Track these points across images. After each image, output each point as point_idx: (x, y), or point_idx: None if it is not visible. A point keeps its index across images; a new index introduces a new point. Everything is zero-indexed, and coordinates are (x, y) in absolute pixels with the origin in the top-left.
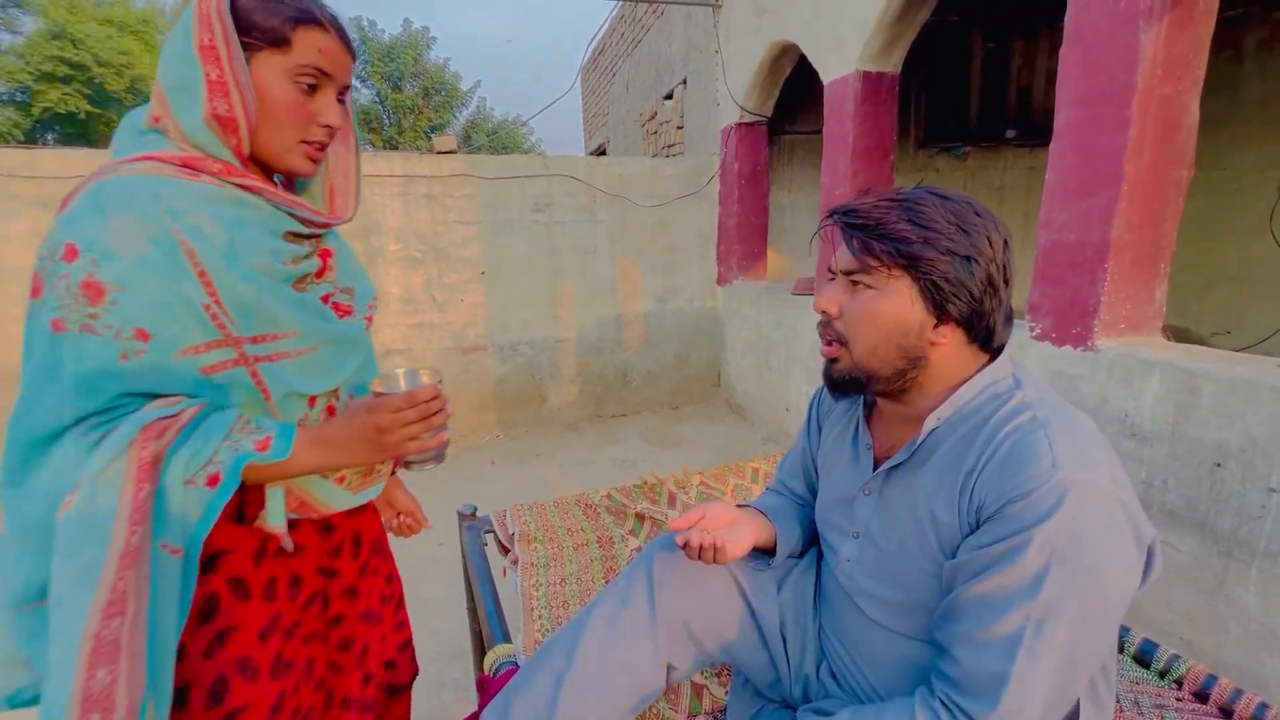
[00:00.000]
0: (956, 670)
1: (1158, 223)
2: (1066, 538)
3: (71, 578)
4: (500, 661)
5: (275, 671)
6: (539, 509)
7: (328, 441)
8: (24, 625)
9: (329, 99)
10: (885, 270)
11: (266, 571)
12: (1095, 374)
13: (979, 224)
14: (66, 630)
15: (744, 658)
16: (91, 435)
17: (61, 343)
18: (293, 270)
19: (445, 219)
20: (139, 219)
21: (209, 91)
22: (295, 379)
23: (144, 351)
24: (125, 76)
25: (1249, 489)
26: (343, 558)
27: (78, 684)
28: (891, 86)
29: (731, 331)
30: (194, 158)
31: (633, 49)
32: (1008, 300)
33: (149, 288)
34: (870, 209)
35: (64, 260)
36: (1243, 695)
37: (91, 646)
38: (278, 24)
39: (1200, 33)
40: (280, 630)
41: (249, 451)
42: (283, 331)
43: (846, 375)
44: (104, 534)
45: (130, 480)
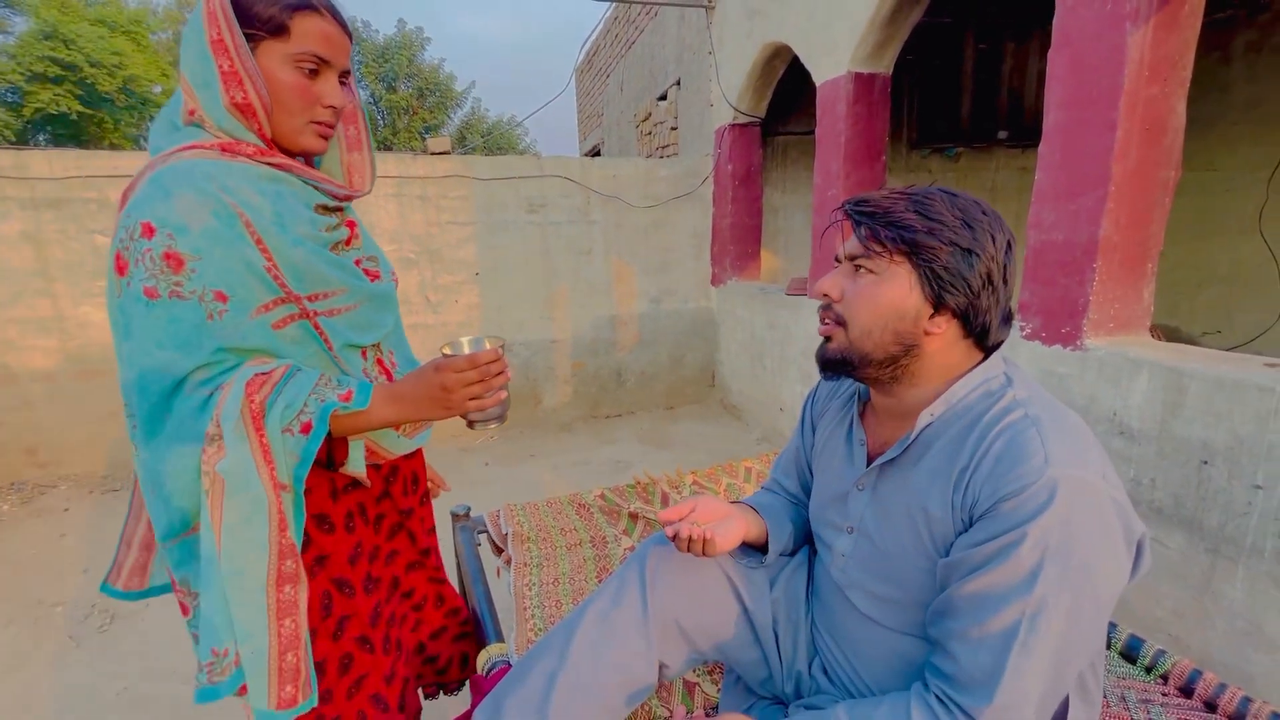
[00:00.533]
0: (952, 666)
1: (1145, 223)
2: (1059, 534)
3: (251, 504)
4: (493, 661)
5: (368, 588)
6: (532, 509)
7: (400, 397)
8: (174, 554)
9: (331, 81)
10: (887, 256)
11: (343, 507)
12: (1084, 373)
13: (984, 221)
14: (256, 543)
15: (736, 655)
16: (202, 390)
17: (157, 307)
18: (329, 237)
19: (439, 220)
20: (199, 196)
21: (224, 82)
22: (347, 332)
23: (225, 311)
24: (117, 77)
25: (1235, 486)
26: (410, 497)
27: (271, 590)
28: (884, 88)
29: (726, 332)
30: (230, 142)
31: (626, 50)
32: (1006, 301)
33: (218, 255)
34: (880, 199)
35: (144, 237)
36: (1226, 690)
37: (278, 549)
38: (276, 13)
39: (1186, 35)
40: (365, 555)
41: (334, 402)
42: (332, 289)
43: (839, 355)
44: (253, 470)
45: (251, 428)
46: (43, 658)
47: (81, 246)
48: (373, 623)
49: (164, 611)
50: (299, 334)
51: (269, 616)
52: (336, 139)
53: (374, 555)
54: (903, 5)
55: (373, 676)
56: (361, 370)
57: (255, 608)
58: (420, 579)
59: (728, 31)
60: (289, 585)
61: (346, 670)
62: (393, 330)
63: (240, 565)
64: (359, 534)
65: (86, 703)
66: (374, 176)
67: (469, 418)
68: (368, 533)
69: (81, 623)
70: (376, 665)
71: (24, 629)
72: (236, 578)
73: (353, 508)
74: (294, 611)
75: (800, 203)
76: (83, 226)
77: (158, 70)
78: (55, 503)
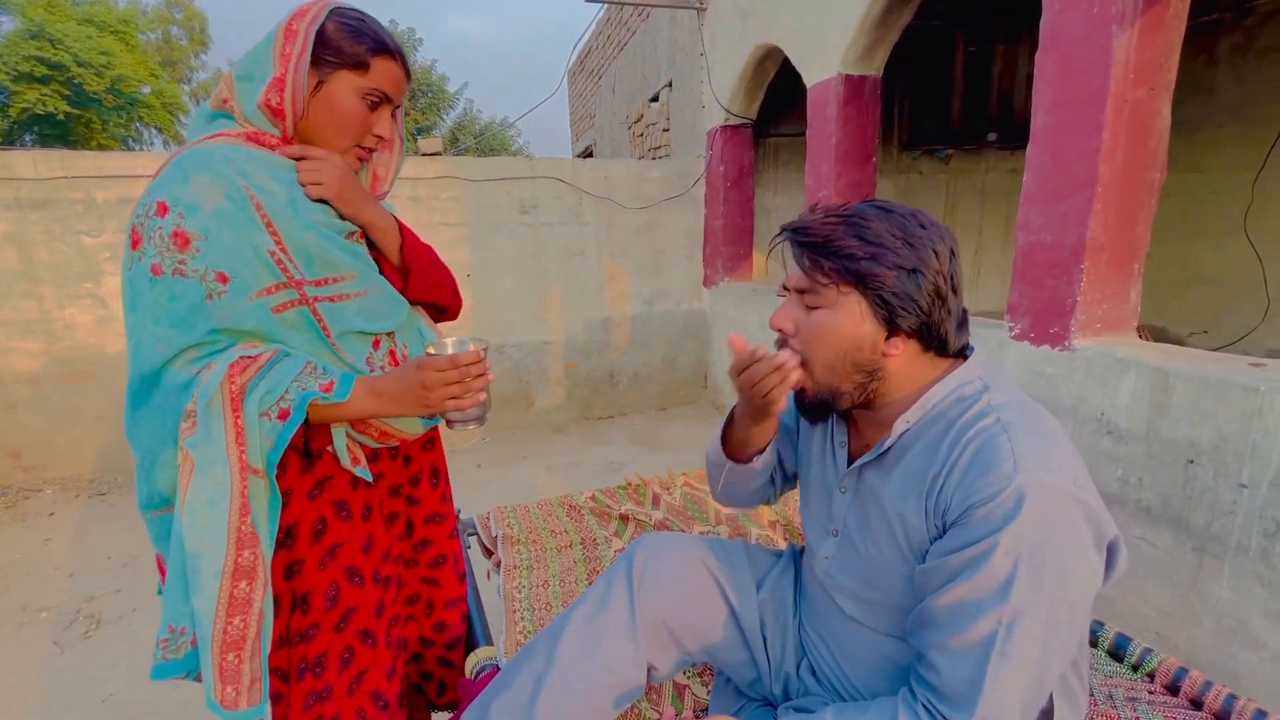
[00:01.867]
0: (935, 677)
1: (1131, 224)
2: (1030, 541)
3: (212, 488)
4: (481, 664)
5: (376, 580)
6: (523, 511)
7: (380, 392)
8: (154, 528)
9: (385, 115)
10: (834, 287)
11: (361, 497)
12: (1072, 373)
13: (923, 236)
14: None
15: (724, 657)
16: (191, 368)
17: (159, 284)
18: (342, 225)
19: (430, 221)
20: (215, 178)
21: (268, 85)
22: (355, 318)
23: (225, 292)
24: (105, 77)
25: (1221, 485)
26: (421, 487)
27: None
28: (874, 89)
29: (718, 333)
30: (255, 132)
31: (619, 52)
32: (959, 307)
33: (226, 236)
34: (819, 226)
35: (157, 215)
36: (1212, 687)
37: (236, 536)
38: (361, 51)
39: (1171, 38)
40: (379, 549)
41: (314, 391)
42: (342, 274)
43: (815, 399)
44: (221, 450)
45: (227, 408)
46: (27, 664)
47: (67, 248)
48: (377, 614)
49: (148, 616)
50: (298, 319)
51: (216, 608)
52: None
53: (386, 554)
54: (892, 7)
55: (373, 672)
56: (366, 359)
57: (207, 596)
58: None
59: (719, 33)
60: (244, 580)
61: (347, 665)
62: (407, 324)
63: (197, 548)
64: (374, 525)
65: (71, 710)
66: (394, 182)
67: (448, 417)
68: (381, 528)
69: (66, 628)
70: (378, 660)
71: (8, 635)
72: (193, 559)
73: (372, 501)
74: (245, 610)
75: (792, 204)
76: (69, 228)
77: (146, 70)
78: (40, 507)
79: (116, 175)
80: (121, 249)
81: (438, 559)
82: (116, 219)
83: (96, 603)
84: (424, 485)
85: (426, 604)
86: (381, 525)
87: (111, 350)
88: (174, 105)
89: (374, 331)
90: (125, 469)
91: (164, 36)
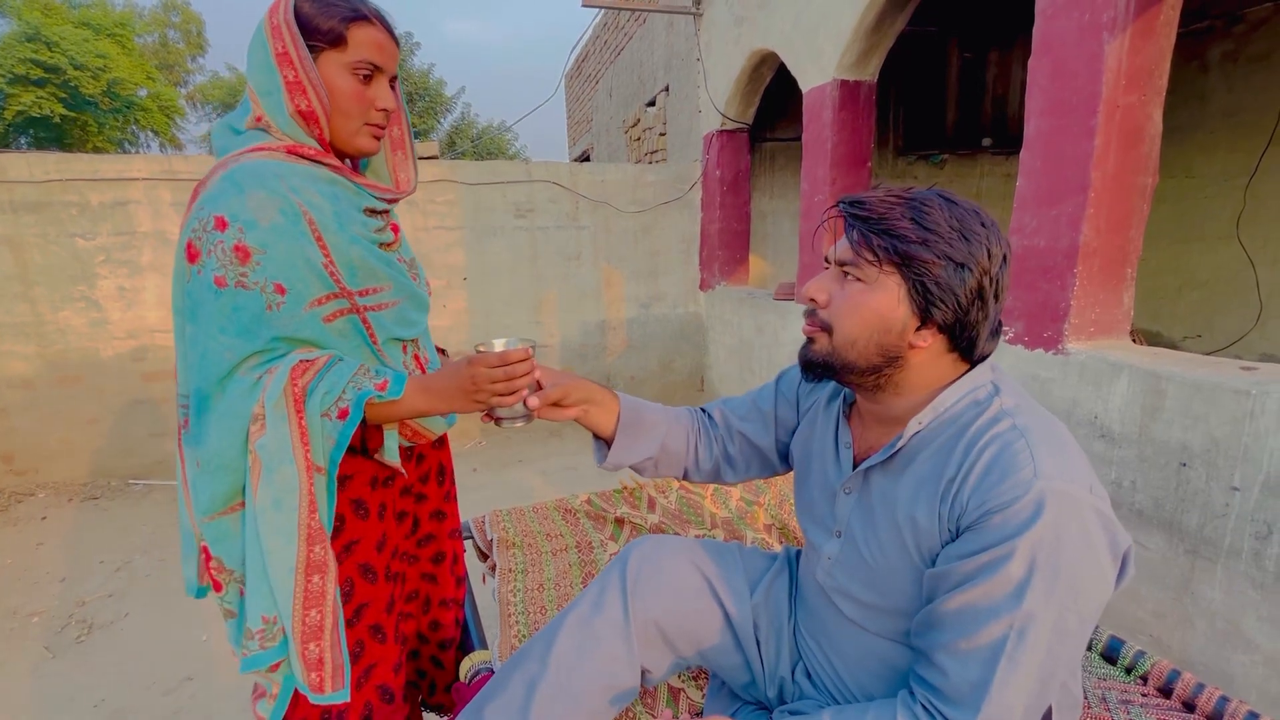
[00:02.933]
0: (940, 678)
1: (1124, 228)
2: (1047, 548)
3: (282, 485)
4: (476, 668)
5: (388, 577)
6: (518, 514)
7: (431, 388)
8: (212, 530)
9: (383, 86)
10: (878, 265)
11: (378, 497)
12: (1066, 377)
13: (981, 234)
14: (285, 524)
15: (718, 660)
16: (254, 373)
17: (224, 295)
18: (377, 237)
19: (426, 225)
20: (270, 194)
21: (288, 91)
22: (393, 326)
23: (283, 303)
24: (101, 80)
25: (1213, 488)
26: (430, 484)
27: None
28: (869, 95)
29: (714, 337)
30: (294, 145)
31: (615, 57)
32: (996, 314)
33: (282, 249)
34: (877, 203)
35: (216, 230)
36: (1204, 690)
37: (307, 532)
38: (335, 24)
39: (1162, 44)
40: (390, 547)
41: (369, 390)
42: (381, 285)
43: (821, 359)
44: (288, 450)
45: (292, 410)
46: (17, 669)
47: (62, 250)
48: (388, 610)
49: (141, 622)
50: (346, 328)
51: (295, 603)
52: (384, 140)
53: (396, 551)
54: (887, 14)
55: (381, 666)
56: (402, 363)
57: (284, 590)
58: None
59: (715, 39)
60: (317, 575)
61: (357, 659)
62: (424, 330)
63: (271, 544)
64: (387, 524)
65: (63, 715)
66: (417, 175)
67: (496, 414)
68: (393, 526)
69: (58, 633)
70: (386, 655)
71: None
72: (269, 556)
73: (387, 500)
74: (320, 603)
75: (788, 208)
76: (63, 230)
77: (143, 73)
78: (32, 511)
79: (111, 178)
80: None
81: (437, 556)
82: (110, 222)
83: (88, 607)
84: (431, 482)
85: (424, 601)
86: (394, 523)
87: (105, 354)
88: (170, 108)
89: (406, 337)
90: (118, 473)
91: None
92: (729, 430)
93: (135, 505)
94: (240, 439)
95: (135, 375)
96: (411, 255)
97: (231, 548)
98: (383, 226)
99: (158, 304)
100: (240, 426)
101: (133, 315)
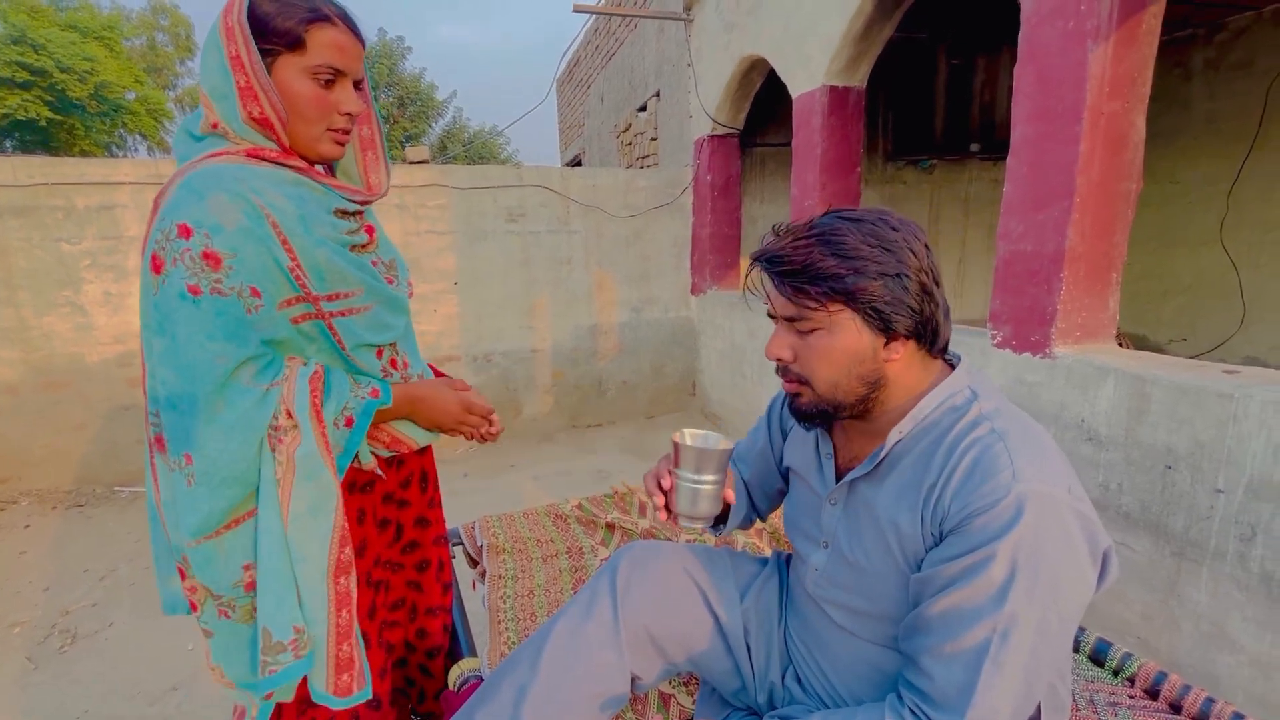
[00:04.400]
0: (925, 682)
1: (1109, 234)
2: (1028, 549)
3: (319, 492)
4: (465, 676)
5: (369, 584)
6: (508, 520)
7: (416, 399)
8: (199, 553)
9: (346, 89)
10: (824, 309)
11: (357, 502)
12: (1053, 380)
13: (898, 238)
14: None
15: (709, 666)
16: (259, 382)
17: (201, 303)
18: (349, 239)
19: (417, 229)
20: (231, 197)
21: (240, 97)
22: (364, 332)
23: (261, 305)
24: (89, 83)
25: (1198, 490)
26: (411, 490)
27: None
28: (858, 101)
29: (706, 341)
30: (254, 148)
31: (607, 62)
32: (943, 298)
33: (251, 252)
34: (792, 252)
35: (181, 238)
36: (1190, 691)
37: (340, 535)
38: (292, 26)
39: (1144, 53)
40: (372, 554)
41: (370, 399)
42: (350, 289)
43: (813, 409)
44: (319, 460)
45: (315, 421)
46: (0, 680)
47: (47, 255)
48: (370, 616)
49: (126, 631)
50: (314, 331)
51: (328, 606)
52: (352, 142)
53: (378, 558)
54: (875, 20)
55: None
56: (379, 369)
57: (317, 595)
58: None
59: (705, 44)
60: (344, 576)
61: None
62: (404, 332)
63: (305, 552)
64: (367, 529)
65: None
66: (389, 177)
67: (678, 510)
68: (374, 533)
69: (41, 643)
70: (370, 661)
71: None
72: (300, 564)
73: (366, 506)
74: (348, 603)
75: (779, 213)
76: (48, 235)
77: (130, 77)
78: (15, 519)
79: (98, 182)
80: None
81: (422, 563)
82: (96, 226)
83: (72, 617)
84: (414, 489)
85: (410, 609)
86: (374, 530)
87: (91, 359)
88: (159, 111)
89: (381, 342)
90: (104, 480)
91: (149, 42)
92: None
93: (121, 513)
94: (252, 450)
95: (121, 381)
96: (392, 256)
97: (217, 571)
98: (356, 228)
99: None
100: (254, 439)
101: (119, 320)
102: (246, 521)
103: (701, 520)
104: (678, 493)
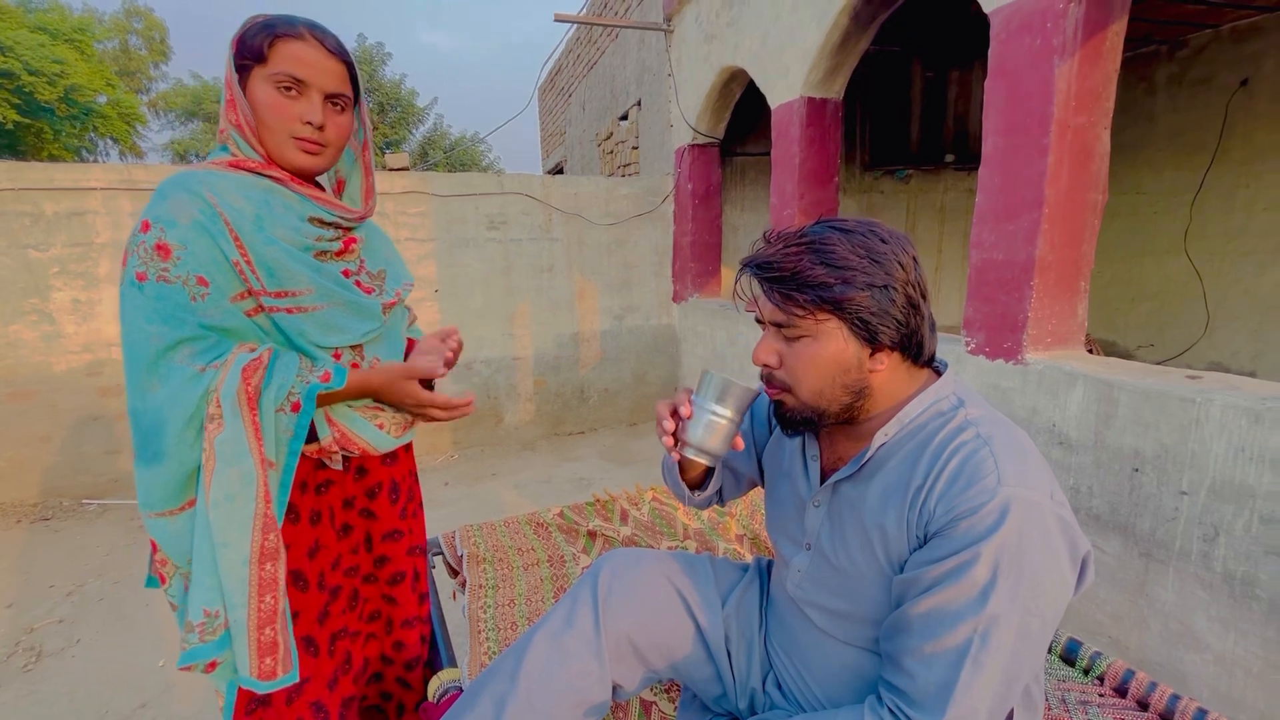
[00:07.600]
0: (906, 682)
1: (1077, 243)
2: (1011, 553)
3: (239, 479)
4: (445, 687)
5: (321, 587)
6: (489, 529)
7: (370, 384)
8: (164, 526)
9: (311, 101)
10: (812, 317)
11: (309, 502)
12: (1025, 386)
13: (886, 250)
14: (239, 517)
15: (690, 672)
16: (195, 363)
17: (145, 288)
18: (312, 244)
19: (397, 236)
20: (189, 197)
21: (226, 108)
22: (311, 331)
23: (207, 294)
24: (58, 86)
25: (1164, 492)
26: (380, 501)
27: (255, 545)
28: (835, 112)
29: (688, 348)
30: (240, 160)
31: (588, 70)
32: (929, 311)
33: (201, 245)
34: (783, 259)
35: (141, 232)
36: (1157, 688)
37: (262, 523)
38: (259, 41)
39: (1108, 69)
40: (328, 557)
41: (317, 383)
42: (300, 289)
43: (797, 415)
44: (245, 447)
45: (245, 408)
46: None
47: (13, 262)
48: (320, 621)
49: (94, 648)
50: (267, 323)
51: (249, 590)
52: (355, 165)
53: (336, 563)
54: (851, 33)
55: (314, 681)
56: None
57: (238, 580)
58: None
59: (686, 55)
60: (269, 562)
61: None
62: (382, 339)
63: (225, 538)
64: (322, 532)
65: None
66: (373, 199)
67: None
68: (330, 536)
69: (4, 662)
70: (319, 669)
71: None
72: (221, 549)
73: (321, 508)
74: (273, 588)
75: (759, 221)
76: (14, 241)
77: (102, 80)
78: None
79: (67, 188)
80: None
81: (395, 576)
82: (65, 232)
83: (37, 634)
84: (382, 500)
85: (386, 622)
86: (331, 533)
87: (58, 369)
88: (131, 116)
89: (335, 345)
90: (71, 493)
91: (122, 46)
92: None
93: (89, 526)
94: (182, 427)
95: (90, 390)
96: (381, 267)
97: (175, 544)
98: (333, 236)
99: (115, 316)
100: (184, 415)
101: (88, 328)
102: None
103: (709, 455)
104: (693, 421)
